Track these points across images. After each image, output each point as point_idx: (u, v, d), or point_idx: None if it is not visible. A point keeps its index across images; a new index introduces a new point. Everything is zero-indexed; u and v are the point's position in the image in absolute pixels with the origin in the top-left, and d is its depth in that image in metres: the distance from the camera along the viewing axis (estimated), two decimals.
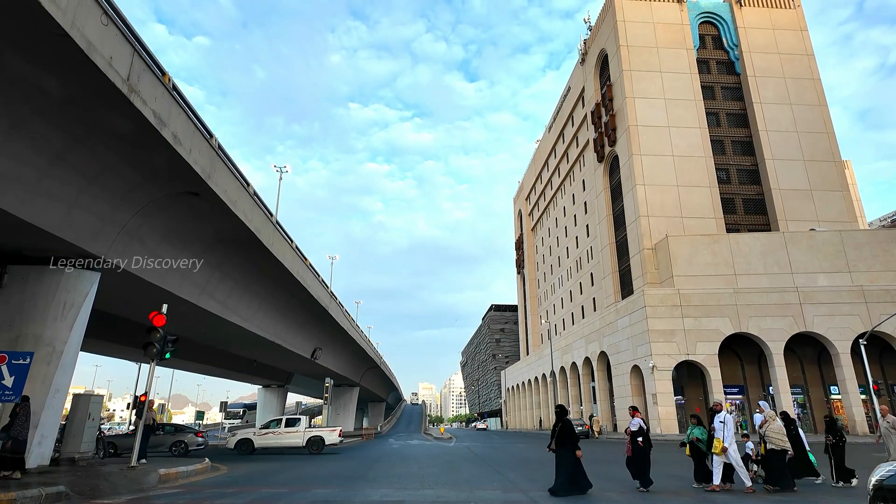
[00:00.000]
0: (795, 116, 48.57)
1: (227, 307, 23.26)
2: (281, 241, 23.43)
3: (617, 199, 50.94)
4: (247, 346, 33.44)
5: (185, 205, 16.49)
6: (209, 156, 15.55)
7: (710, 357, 34.90)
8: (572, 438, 10.52)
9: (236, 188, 17.87)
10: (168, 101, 13.11)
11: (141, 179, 14.44)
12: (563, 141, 69.11)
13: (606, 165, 53.40)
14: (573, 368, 53.47)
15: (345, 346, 44.69)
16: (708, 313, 35.92)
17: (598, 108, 54.18)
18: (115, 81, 10.87)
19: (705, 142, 47.55)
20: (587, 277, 59.09)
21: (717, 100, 50.28)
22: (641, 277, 43.95)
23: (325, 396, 39.98)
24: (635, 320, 37.76)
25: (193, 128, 14.58)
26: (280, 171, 36.88)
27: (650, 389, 35.43)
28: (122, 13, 11.27)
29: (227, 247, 20.01)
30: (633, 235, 46.24)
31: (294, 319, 31.69)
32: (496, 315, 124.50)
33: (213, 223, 18.20)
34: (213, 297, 21.76)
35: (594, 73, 56.79)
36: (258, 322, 27.20)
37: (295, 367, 45.37)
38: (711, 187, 46.11)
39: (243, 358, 40.57)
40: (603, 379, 45.92)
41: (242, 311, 24.94)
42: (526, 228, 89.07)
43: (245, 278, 23.31)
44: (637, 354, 37.32)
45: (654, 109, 48.24)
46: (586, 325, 49.51)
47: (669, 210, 45.05)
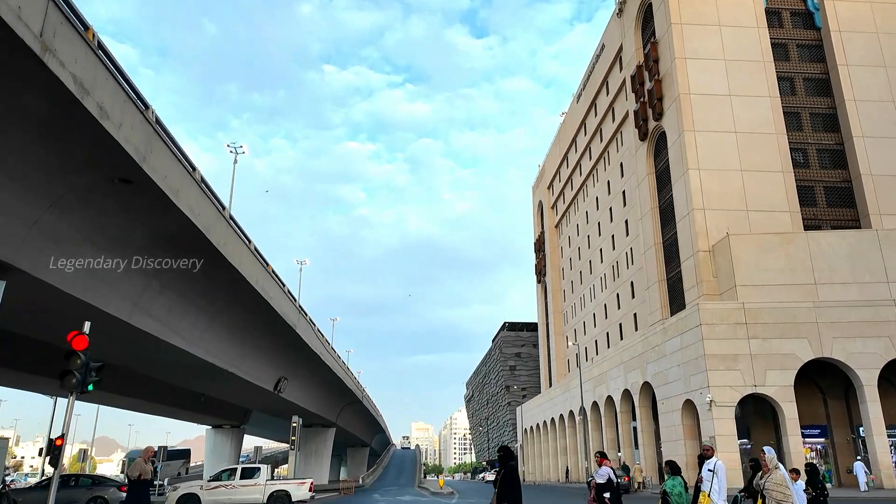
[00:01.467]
0: (891, 82, 48.61)
1: (167, 326, 23.23)
2: (236, 241, 23.41)
3: (664, 188, 50.95)
4: (192, 376, 33.41)
5: (114, 195, 16.47)
6: (144, 132, 15.55)
7: (784, 389, 34.80)
8: (516, 490, 10.14)
9: (179, 174, 17.86)
10: (92, 64, 13.11)
11: (58, 164, 14.43)
12: (595, 114, 69.17)
13: (651, 145, 53.40)
14: (609, 404, 53.35)
15: (317, 375, 44.64)
16: (781, 333, 35.81)
17: (640, 71, 54.25)
18: (24, 38, 10.86)
19: (777, 115, 47.55)
20: (626, 288, 59.04)
21: (791, 61, 50.34)
22: (695, 287, 43.90)
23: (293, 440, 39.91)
24: (688, 342, 37.68)
25: (124, 97, 14.57)
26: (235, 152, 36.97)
27: (707, 431, 35.29)
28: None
29: (167, 249, 19.99)
30: (684, 234, 46.22)
31: (253, 342, 31.67)
32: (510, 336, 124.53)
33: (149, 219, 18.18)
34: (148, 313, 21.74)
35: (635, 28, 56.87)
36: (207, 345, 27.16)
37: (254, 402, 45.30)
38: (784, 172, 46.11)
39: (188, 391, 40.51)
40: (647, 417, 45.80)
41: (187, 332, 24.91)
42: (548, 225, 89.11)
43: (191, 290, 23.29)
44: (690, 386, 37.23)
45: (712, 73, 48.29)
46: (625, 348, 49.43)
47: (731, 201, 45.03)
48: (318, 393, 48.67)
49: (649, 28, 54.62)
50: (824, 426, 38.39)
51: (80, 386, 14.39)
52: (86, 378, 14.56)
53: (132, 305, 20.64)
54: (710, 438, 34.87)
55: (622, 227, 60.66)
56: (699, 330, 36.31)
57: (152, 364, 29.83)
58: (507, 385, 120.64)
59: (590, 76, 70.46)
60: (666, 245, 50.73)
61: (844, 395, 38.48)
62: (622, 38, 59.81)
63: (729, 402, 34.85)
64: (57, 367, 15.74)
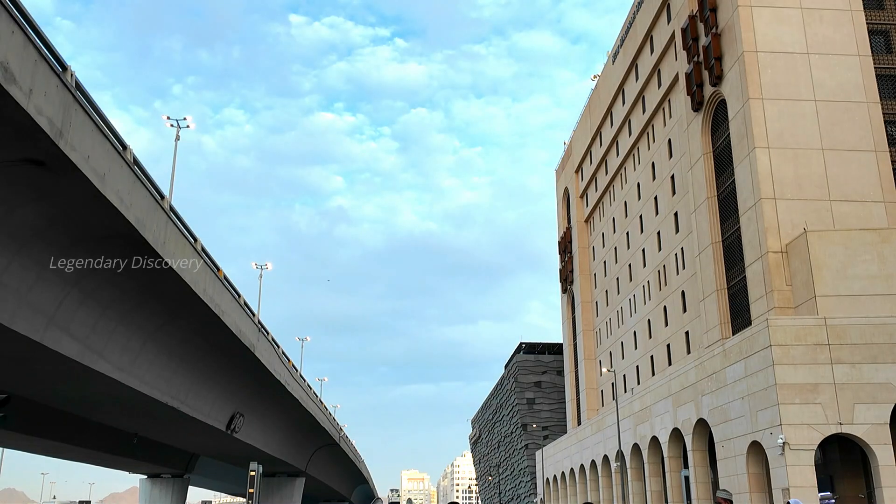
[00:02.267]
0: None
1: (89, 348, 23.19)
2: (178, 239, 23.39)
3: (725, 172, 50.89)
4: (123, 412, 33.39)
5: (23, 182, 16.43)
6: (61, 101, 15.52)
7: (878, 428, 34.65)
8: None
9: (106, 154, 17.83)
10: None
11: None
12: (636, 77, 69.14)
13: (707, 117, 53.31)
14: (654, 447, 53.17)
15: (282, 410, 44.63)
16: (874, 357, 35.65)
17: (694, 23, 54.19)
18: None
19: (868, 78, 47.45)
20: (676, 298, 58.95)
21: (887, 10, 50.25)
22: (764, 299, 43.82)
23: (250, 493, 39.84)
24: (754, 369, 37.58)
25: (35, 55, 14.54)
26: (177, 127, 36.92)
27: (779, 482, 35.15)
28: None
29: (90, 249, 19.96)
30: (749, 231, 46.15)
31: (200, 368, 31.66)
32: (528, 361, 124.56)
33: (67, 211, 18.14)
34: (66, 331, 21.69)
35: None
36: (141, 372, 27.13)
37: (201, 444, 45.29)
38: (878, 152, 46.02)
39: (117, 431, 40.52)
40: (702, 464, 45.67)
41: (115, 356, 24.87)
42: (576, 219, 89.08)
43: (120, 302, 23.26)
44: (757, 424, 37.12)
45: (785, 25, 48.21)
46: (675, 376, 49.32)
47: (810, 189, 44.95)
48: (283, 433, 48.67)
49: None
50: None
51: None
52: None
53: (46, 321, 20.60)
54: (785, 491, 34.82)
55: (671, 222, 60.55)
56: (769, 353, 36.16)
57: (72, 397, 29.80)
58: (523, 423, 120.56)
59: (629, 30, 70.44)
60: (727, 245, 50.65)
61: None
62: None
63: (807, 444, 34.69)
64: None
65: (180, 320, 26.78)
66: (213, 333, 28.94)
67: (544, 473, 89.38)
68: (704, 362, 44.43)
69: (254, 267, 53.48)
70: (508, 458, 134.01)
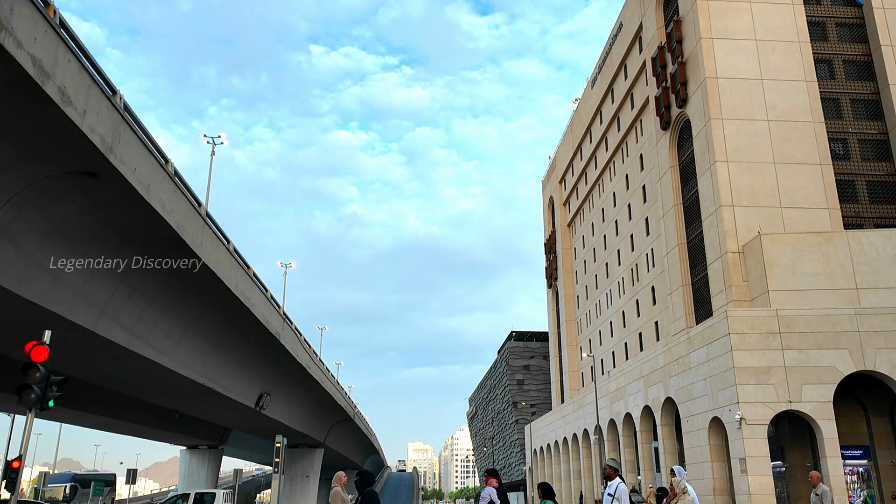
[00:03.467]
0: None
1: (136, 336, 23.22)
2: (213, 241, 23.40)
3: (689, 183, 50.88)
4: (165, 392, 33.38)
5: (78, 191, 16.46)
6: (111, 120, 15.54)
7: (823, 406, 34.69)
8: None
9: (150, 167, 17.85)
10: (53, 43, 13.09)
11: (15, 155, 14.40)
12: (612, 100, 69.14)
13: (674, 134, 53.32)
14: (627, 422, 53.19)
15: (304, 390, 44.62)
16: (819, 344, 35.70)
17: (662, 53, 54.20)
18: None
19: (814, 101, 47.47)
20: (647, 293, 58.96)
21: (830, 41, 50.26)
22: (724, 293, 43.82)
23: (276, 462, 39.84)
24: (715, 354, 37.60)
25: (89, 81, 14.56)
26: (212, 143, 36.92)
27: (737, 452, 35.19)
28: None
29: (136, 250, 19.98)
30: (711, 233, 46.15)
31: (232, 353, 31.66)
32: (518, 347, 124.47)
33: (117, 216, 18.16)
34: (116, 321, 21.72)
35: (656, 5, 56.82)
36: (181, 357, 27.14)
37: (233, 420, 45.28)
38: (823, 165, 46.03)
39: (160, 408, 40.50)
40: (670, 437, 45.68)
41: (159, 342, 24.89)
42: (560, 223, 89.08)
43: (163, 296, 23.28)
44: (718, 402, 37.14)
45: (742, 55, 48.23)
46: (645, 360, 49.33)
47: (763, 198, 44.96)
48: (304, 410, 48.65)
49: (672, 5, 54.58)
50: (867, 447, 38.25)
51: (40, 402, 14.33)
52: (46, 393, 14.50)
53: (98, 312, 20.62)
54: (741, 461, 34.83)
55: (642, 226, 60.60)
56: (728, 340, 36.20)
57: (120, 378, 29.82)
58: (514, 401, 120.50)
59: (606, 58, 70.44)
60: (691, 246, 50.67)
61: (890, 412, 38.36)
62: (642, 16, 59.77)
63: (761, 420, 34.73)
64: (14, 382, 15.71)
65: (215, 311, 26.79)
66: (243, 323, 28.95)
67: (532, 445, 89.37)
68: (671, 348, 44.46)
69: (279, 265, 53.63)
70: (501, 431, 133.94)
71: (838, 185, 46.20)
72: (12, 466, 14.57)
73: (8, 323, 19.51)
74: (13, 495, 14.62)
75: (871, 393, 37.92)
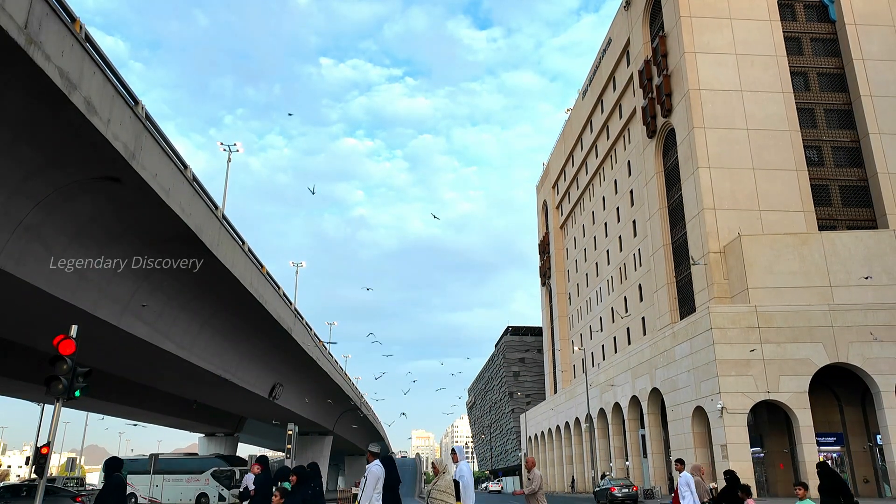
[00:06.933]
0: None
1: (157, 330, 23.18)
2: (230, 242, 23.37)
3: (674, 187, 50.86)
4: (184, 382, 33.36)
5: (103, 195, 16.43)
6: (134, 129, 15.51)
7: (798, 396, 34.69)
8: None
9: (170, 172, 17.82)
10: (79, 57, 13.07)
11: (44, 161, 14.38)
12: (601, 110, 69.11)
13: (659, 142, 53.29)
14: (616, 411, 53.19)
15: (314, 381, 44.56)
16: (795, 338, 35.70)
17: (649, 66, 54.17)
18: (8, 29, 10.81)
19: (790, 111, 47.45)
20: (634, 290, 58.93)
21: (805, 55, 50.23)
22: (706, 290, 43.79)
23: (288, 448, 39.81)
24: (698, 347, 37.59)
25: (113, 91, 14.53)
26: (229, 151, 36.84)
27: (718, 439, 35.18)
28: None
29: (157, 250, 19.94)
30: (694, 235, 46.13)
31: (247, 347, 31.62)
32: (514, 340, 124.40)
33: (139, 219, 18.13)
34: (139, 316, 21.69)
35: (643, 21, 56.80)
36: (199, 350, 27.10)
37: (248, 409, 45.23)
38: (798, 171, 46.00)
39: (179, 398, 40.46)
40: (656, 425, 45.68)
41: (178, 336, 24.86)
42: (553, 225, 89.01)
43: (182, 293, 23.25)
44: (700, 392, 37.13)
45: (723, 68, 48.20)
46: (633, 353, 49.32)
47: (743, 201, 44.93)
48: (314, 399, 48.61)
49: (657, 21, 54.55)
50: (840, 434, 38.26)
51: (67, 392, 14.29)
52: (73, 384, 14.45)
53: (122, 308, 20.59)
54: (723, 447, 34.78)
55: (630, 228, 60.57)
56: (710, 334, 36.21)
57: (142, 370, 29.79)
58: (510, 391, 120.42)
59: (596, 71, 70.39)
60: (675, 246, 50.63)
61: (861, 401, 38.35)
62: (629, 31, 59.74)
63: (741, 409, 34.74)
64: (43, 373, 15.68)
65: (231, 308, 26.75)
66: (257, 319, 28.91)
67: (527, 433, 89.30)
68: (657, 342, 44.43)
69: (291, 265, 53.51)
70: (498, 420, 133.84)
71: (813, 190, 46.18)
72: (41, 452, 14.55)
73: (38, 318, 19.50)
74: (42, 479, 14.61)
75: (843, 384, 37.93)
